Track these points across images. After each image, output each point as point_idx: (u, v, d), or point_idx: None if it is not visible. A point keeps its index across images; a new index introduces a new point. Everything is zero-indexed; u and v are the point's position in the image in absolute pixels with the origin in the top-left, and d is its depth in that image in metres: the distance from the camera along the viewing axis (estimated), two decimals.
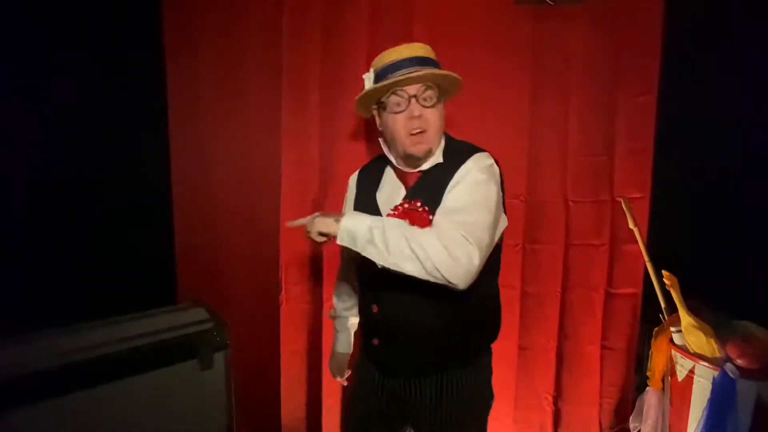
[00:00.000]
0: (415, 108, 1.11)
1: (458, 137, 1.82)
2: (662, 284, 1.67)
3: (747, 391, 1.47)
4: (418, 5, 1.76)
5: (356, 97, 1.21)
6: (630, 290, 1.90)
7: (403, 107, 1.12)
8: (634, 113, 1.82)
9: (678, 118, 1.84)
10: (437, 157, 1.18)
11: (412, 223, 1.08)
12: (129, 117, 1.78)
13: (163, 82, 1.80)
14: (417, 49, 1.16)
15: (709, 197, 1.89)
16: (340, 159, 1.80)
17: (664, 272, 1.64)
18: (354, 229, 1.05)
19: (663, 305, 1.74)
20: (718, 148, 1.87)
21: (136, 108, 1.78)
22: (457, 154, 1.16)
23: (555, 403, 1.99)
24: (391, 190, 1.21)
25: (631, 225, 1.75)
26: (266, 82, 1.81)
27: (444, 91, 1.19)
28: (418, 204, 1.11)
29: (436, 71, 1.13)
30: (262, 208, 1.86)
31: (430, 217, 1.09)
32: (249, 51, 1.81)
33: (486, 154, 1.18)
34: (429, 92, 1.13)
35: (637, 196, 1.84)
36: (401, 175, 1.21)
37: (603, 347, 1.95)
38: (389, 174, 1.25)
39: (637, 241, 1.76)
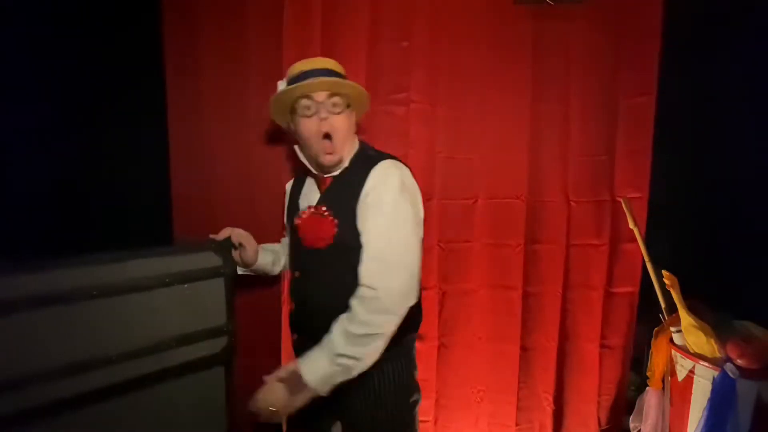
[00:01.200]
0: (323, 111, 1.20)
1: (458, 137, 1.85)
2: (662, 284, 1.67)
3: (747, 391, 1.47)
4: (418, 5, 1.76)
5: (270, 99, 1.29)
6: (628, 289, 1.91)
7: (312, 111, 1.20)
8: (634, 113, 1.82)
9: (677, 118, 1.84)
10: (345, 163, 1.26)
11: (315, 227, 1.21)
12: (128, 116, 1.78)
13: (163, 82, 1.79)
14: (326, 62, 1.26)
15: (708, 197, 1.90)
16: None
17: (664, 272, 1.65)
18: (322, 374, 1.08)
19: (663, 305, 1.74)
20: (718, 148, 1.88)
21: (135, 107, 1.78)
22: (365, 160, 1.24)
23: (554, 402, 2.00)
24: (309, 194, 1.33)
25: (631, 225, 1.76)
26: (267, 80, 1.81)
27: (353, 102, 1.27)
28: (323, 209, 1.22)
29: (341, 80, 1.23)
30: (264, 209, 1.85)
31: (335, 221, 1.19)
32: (249, 50, 1.81)
33: (393, 162, 1.22)
34: (336, 99, 1.21)
35: (637, 196, 1.85)
36: (317, 180, 1.31)
37: (602, 346, 1.95)
38: (309, 179, 1.36)
39: (635, 240, 1.77)
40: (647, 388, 1.82)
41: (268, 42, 1.78)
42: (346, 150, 1.25)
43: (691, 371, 1.60)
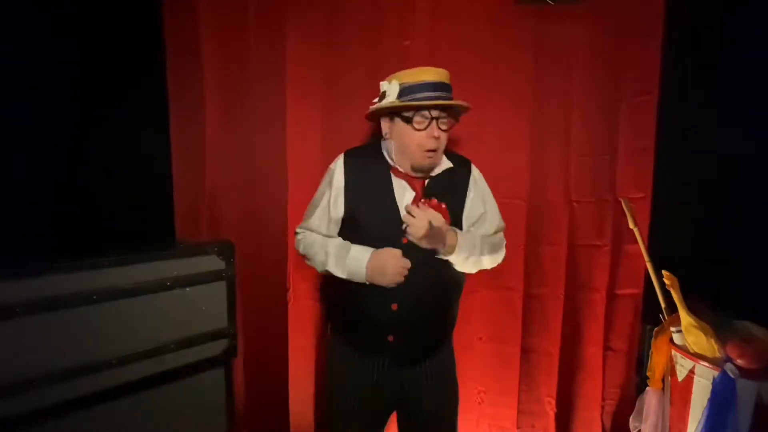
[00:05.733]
0: (435, 129, 1.24)
1: (459, 138, 1.84)
2: (662, 284, 1.67)
3: (747, 391, 1.47)
4: (418, 5, 1.76)
5: (380, 105, 1.29)
6: (632, 291, 1.91)
7: (424, 126, 1.24)
8: (636, 113, 1.82)
9: (679, 117, 1.84)
10: (446, 163, 1.35)
11: (440, 211, 1.25)
12: (129, 117, 1.77)
13: (165, 82, 1.79)
14: (442, 75, 1.28)
15: (709, 197, 1.89)
16: None
17: (664, 272, 1.65)
18: (467, 244, 1.30)
19: (663, 305, 1.74)
20: (719, 147, 1.87)
21: (136, 108, 1.78)
22: (456, 159, 1.39)
23: (557, 406, 1.98)
24: (400, 192, 1.32)
25: (631, 225, 1.76)
26: (269, 81, 1.81)
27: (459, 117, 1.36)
28: (435, 202, 1.26)
29: (462, 103, 1.29)
30: (269, 207, 1.86)
31: (448, 213, 1.26)
32: (251, 49, 1.80)
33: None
34: (448, 118, 1.28)
35: (639, 196, 1.85)
36: (407, 179, 1.32)
37: (605, 348, 1.94)
38: (392, 176, 1.34)
39: (636, 241, 1.77)
40: (647, 388, 1.82)
41: (270, 41, 1.78)
42: (441, 157, 1.33)
43: (691, 371, 1.61)
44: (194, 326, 1.42)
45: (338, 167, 1.35)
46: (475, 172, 1.42)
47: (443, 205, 1.25)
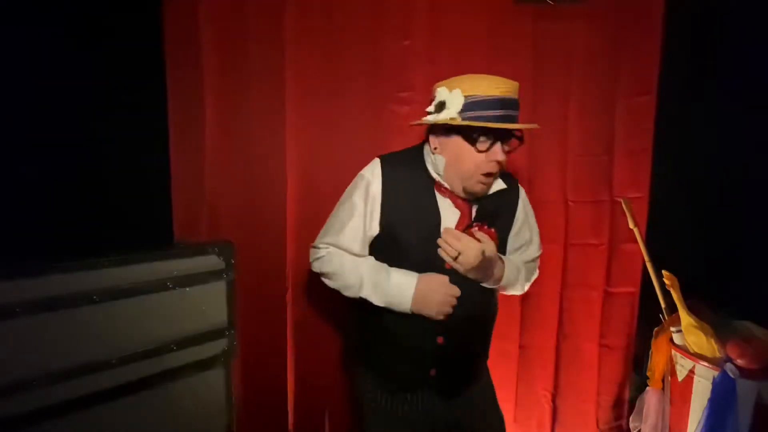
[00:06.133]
0: (499, 152, 1.09)
1: None
2: (662, 284, 1.67)
3: (747, 391, 1.47)
4: (418, 5, 1.76)
5: (439, 119, 1.11)
6: (628, 289, 1.91)
7: (487, 147, 1.09)
8: (634, 113, 1.82)
9: (678, 118, 1.84)
10: (498, 184, 1.22)
11: (492, 238, 1.17)
12: (127, 116, 1.77)
13: (164, 80, 1.79)
14: (512, 89, 1.09)
15: (708, 197, 1.90)
16: (346, 158, 1.79)
17: (664, 272, 1.65)
18: (513, 268, 1.26)
19: (663, 305, 1.74)
20: (718, 148, 1.87)
21: (134, 107, 1.78)
22: (507, 179, 1.27)
23: (553, 401, 2.01)
24: (444, 212, 1.18)
25: (631, 225, 1.76)
26: (269, 81, 1.81)
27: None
28: (486, 227, 1.16)
29: (536, 126, 1.16)
30: (269, 207, 1.85)
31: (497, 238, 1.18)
32: (251, 49, 1.80)
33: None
34: (513, 139, 1.12)
35: (637, 196, 1.85)
36: (452, 198, 1.18)
37: (601, 345, 1.96)
38: (436, 193, 1.19)
39: (634, 240, 1.77)
40: (647, 388, 1.82)
41: (270, 41, 1.78)
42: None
43: (691, 371, 1.61)
44: (194, 326, 1.42)
45: (375, 177, 1.18)
46: (523, 194, 1.33)
47: (493, 231, 1.14)
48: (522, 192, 1.33)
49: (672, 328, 1.71)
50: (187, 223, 1.85)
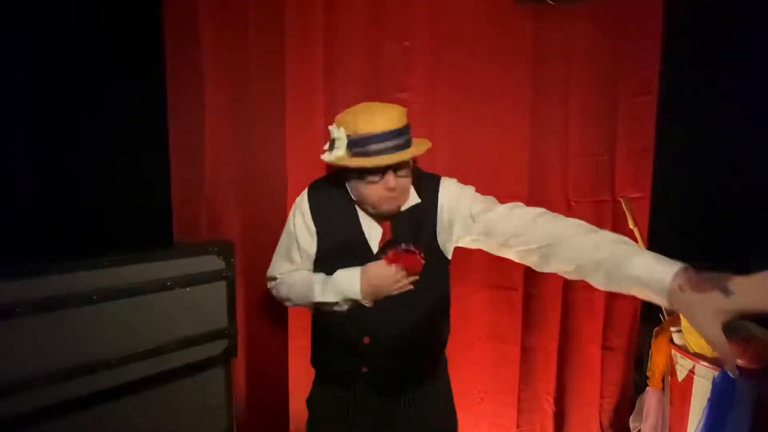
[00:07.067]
0: (391, 180, 1.09)
1: (459, 138, 1.84)
2: None
3: (747, 391, 1.47)
4: (418, 5, 1.75)
5: (329, 159, 1.13)
6: None
7: (377, 179, 1.10)
8: (635, 113, 1.82)
9: (678, 118, 1.84)
10: (414, 198, 1.20)
11: (409, 265, 1.15)
12: (127, 116, 1.77)
13: (163, 80, 1.79)
14: (394, 119, 1.09)
15: (709, 197, 1.89)
16: None
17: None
18: None
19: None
20: (718, 147, 1.87)
21: (134, 107, 1.78)
22: (424, 184, 1.23)
23: (556, 404, 2.00)
24: (368, 230, 1.22)
25: (631, 225, 1.76)
26: (269, 81, 1.81)
27: (418, 158, 1.22)
28: (412, 247, 1.15)
29: (417, 151, 1.12)
30: (268, 207, 1.85)
31: (422, 253, 1.15)
32: (251, 48, 1.80)
33: (445, 178, 1.26)
34: (404, 164, 1.12)
35: (638, 195, 1.85)
36: (374, 216, 1.21)
37: (604, 347, 1.95)
38: (358, 211, 1.22)
39: (636, 241, 1.76)
40: (647, 388, 1.82)
41: (270, 41, 1.78)
42: (406, 196, 1.19)
43: (691, 371, 1.61)
44: (194, 326, 1.42)
45: (304, 202, 1.26)
46: (447, 187, 1.23)
47: (412, 248, 1.15)
48: (444, 186, 1.23)
49: (672, 328, 1.71)
50: (187, 223, 1.85)
